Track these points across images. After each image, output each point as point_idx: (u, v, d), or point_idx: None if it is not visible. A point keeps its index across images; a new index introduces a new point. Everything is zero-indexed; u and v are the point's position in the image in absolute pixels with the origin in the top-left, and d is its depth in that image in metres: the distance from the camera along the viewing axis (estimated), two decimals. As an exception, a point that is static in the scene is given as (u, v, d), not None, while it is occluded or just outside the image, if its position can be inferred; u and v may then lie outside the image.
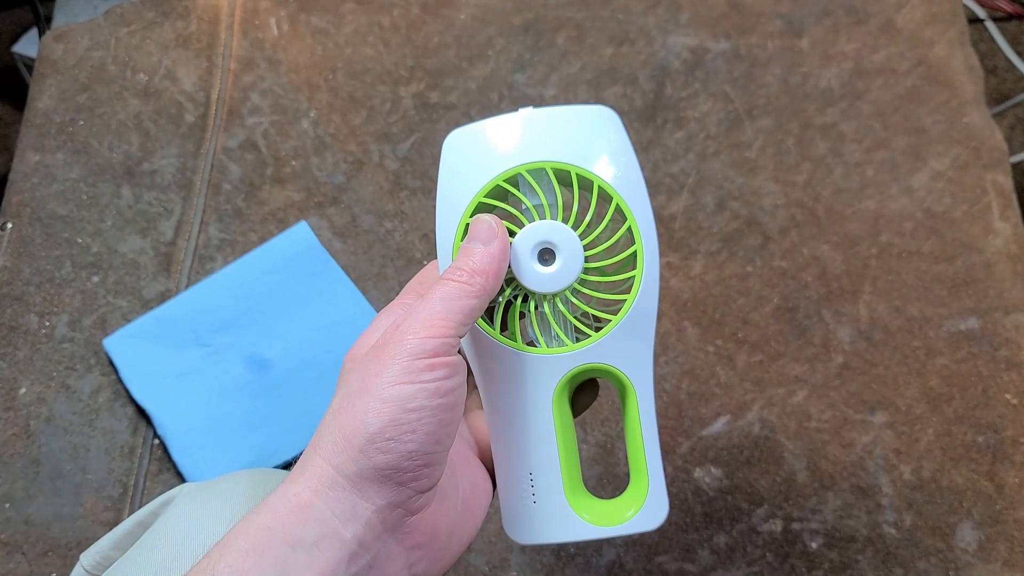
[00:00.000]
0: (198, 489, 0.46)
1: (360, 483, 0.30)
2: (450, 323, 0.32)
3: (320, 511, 0.29)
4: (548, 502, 0.39)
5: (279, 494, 0.30)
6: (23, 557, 0.63)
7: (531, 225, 0.36)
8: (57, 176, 0.75)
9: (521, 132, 0.36)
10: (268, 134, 0.77)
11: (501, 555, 0.62)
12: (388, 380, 0.30)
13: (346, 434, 0.30)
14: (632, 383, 0.38)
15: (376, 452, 0.30)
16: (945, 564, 0.61)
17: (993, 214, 0.72)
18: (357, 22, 0.82)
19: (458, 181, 0.36)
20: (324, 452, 0.30)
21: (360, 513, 0.30)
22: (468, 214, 0.36)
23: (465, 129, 0.36)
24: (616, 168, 0.36)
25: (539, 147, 0.36)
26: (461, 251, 0.34)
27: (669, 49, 0.80)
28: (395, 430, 0.30)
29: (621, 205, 0.36)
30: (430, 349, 0.31)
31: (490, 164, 0.36)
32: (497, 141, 0.36)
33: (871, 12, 0.80)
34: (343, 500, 0.30)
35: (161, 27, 0.81)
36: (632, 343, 0.38)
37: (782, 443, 0.65)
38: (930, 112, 0.76)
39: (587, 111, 0.36)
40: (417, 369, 0.30)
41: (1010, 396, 0.66)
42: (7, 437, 0.66)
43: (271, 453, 0.66)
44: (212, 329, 0.69)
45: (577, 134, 0.36)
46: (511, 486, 0.39)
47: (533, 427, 0.38)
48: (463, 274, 0.33)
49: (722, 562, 0.62)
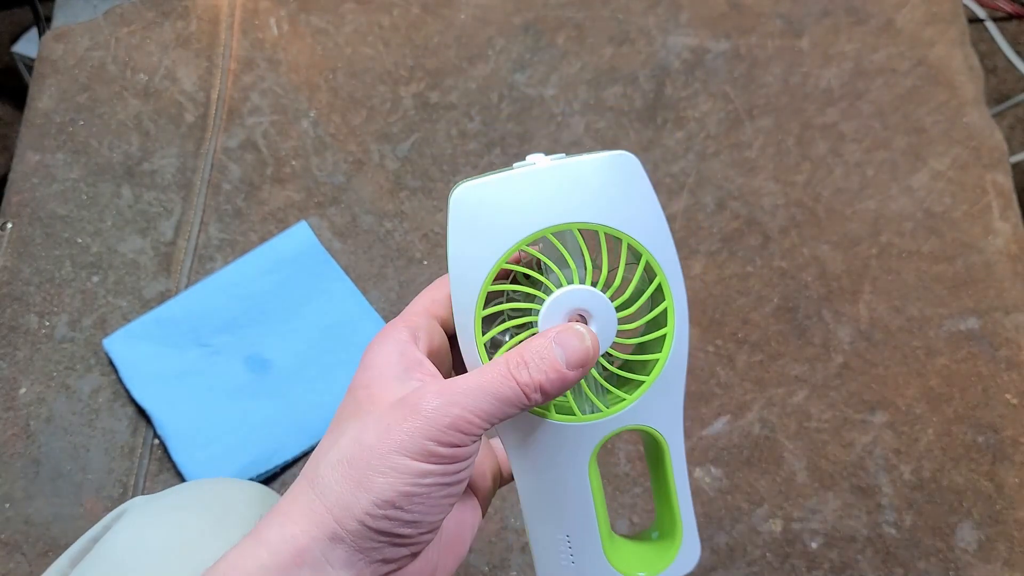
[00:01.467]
0: (147, 502, 0.47)
1: (359, 541, 0.30)
2: (488, 421, 0.31)
3: (317, 559, 0.29)
4: (587, 563, 0.39)
5: (276, 530, 0.30)
6: (23, 557, 0.63)
7: (562, 292, 0.34)
8: (57, 176, 0.75)
9: (540, 189, 0.34)
10: (268, 134, 0.77)
11: (501, 555, 0.62)
12: (408, 452, 0.30)
13: (352, 487, 0.30)
14: (665, 438, 0.37)
15: (382, 518, 0.30)
16: (945, 564, 0.61)
17: (993, 214, 0.72)
18: (357, 22, 0.82)
19: (474, 244, 0.34)
20: (327, 499, 0.30)
21: (355, 565, 0.30)
22: (489, 280, 0.34)
23: (475, 185, 0.33)
24: (643, 221, 0.34)
25: (562, 206, 0.33)
26: (541, 350, 0.32)
27: (669, 49, 0.80)
28: (405, 501, 0.30)
29: (651, 262, 0.35)
30: (457, 440, 0.30)
31: (511, 225, 0.33)
32: (516, 198, 0.34)
33: (871, 12, 0.80)
34: (340, 553, 0.30)
35: (161, 27, 0.81)
36: (665, 400, 0.37)
37: (782, 443, 0.65)
38: (930, 112, 0.76)
39: (607, 161, 0.34)
40: (439, 453, 0.30)
41: (1010, 396, 0.66)
42: (7, 437, 0.66)
43: (271, 453, 0.66)
44: (212, 329, 0.69)
45: (601, 189, 0.34)
46: (548, 549, 0.39)
47: (570, 494, 0.38)
48: (529, 386, 0.31)
49: (722, 562, 0.62)
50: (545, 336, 0.32)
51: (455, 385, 0.31)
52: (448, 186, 0.75)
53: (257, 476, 0.65)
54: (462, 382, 0.31)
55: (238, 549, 0.30)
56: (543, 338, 0.32)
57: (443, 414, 0.30)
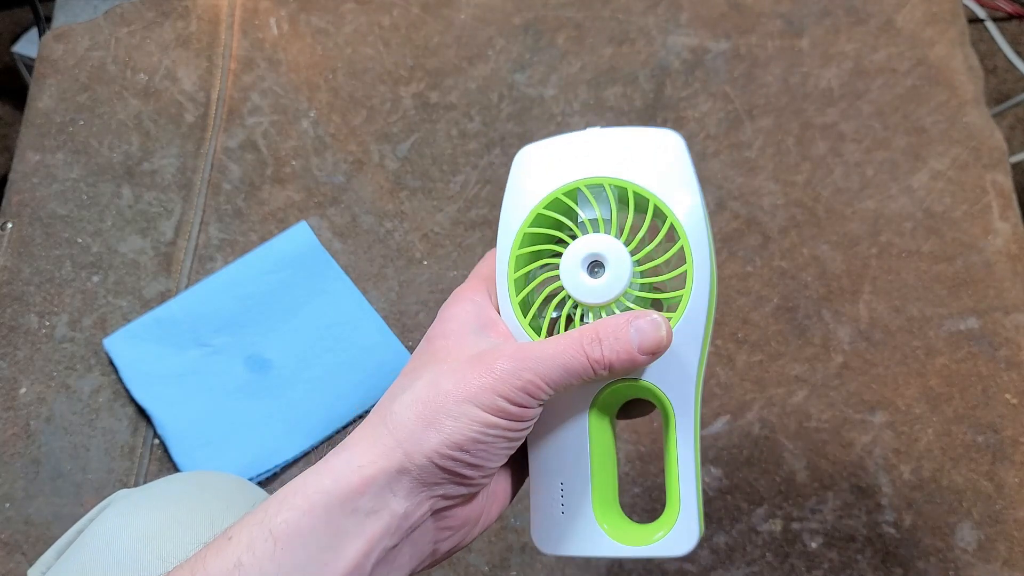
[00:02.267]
0: (132, 493, 0.48)
1: (425, 475, 0.32)
2: (554, 388, 0.33)
3: (382, 487, 0.31)
4: (576, 515, 0.39)
5: (344, 460, 0.31)
6: (23, 557, 0.63)
7: (583, 238, 0.36)
8: (57, 176, 0.75)
9: (585, 149, 0.37)
10: (268, 134, 0.77)
11: (501, 555, 0.62)
12: (480, 404, 0.32)
13: (424, 426, 0.31)
14: (672, 406, 0.38)
15: (449, 459, 0.32)
16: (945, 564, 0.61)
17: (993, 214, 0.72)
18: (357, 22, 0.82)
19: (522, 193, 0.37)
20: (398, 433, 0.32)
21: (415, 496, 0.32)
22: (528, 223, 0.37)
23: (536, 145, 0.38)
24: (673, 189, 0.36)
25: (600, 164, 0.37)
26: (617, 330, 0.33)
27: (669, 49, 0.80)
28: (473, 446, 0.32)
29: (675, 224, 0.36)
30: (525, 402, 0.32)
31: (553, 178, 0.37)
32: (562, 157, 0.37)
33: (871, 12, 0.80)
34: (405, 483, 0.31)
35: (161, 27, 0.81)
36: (675, 364, 0.37)
37: (782, 443, 0.65)
38: (930, 112, 0.76)
39: (652, 133, 0.37)
40: (507, 410, 0.32)
41: (1010, 396, 0.66)
42: (7, 437, 0.66)
43: (271, 453, 0.66)
44: (212, 329, 0.69)
45: (639, 153, 0.37)
46: (542, 493, 0.40)
47: (567, 438, 0.39)
48: (600, 363, 0.33)
49: (722, 562, 0.62)
50: (622, 317, 0.34)
51: (530, 351, 0.33)
52: (448, 186, 0.75)
53: (257, 476, 0.65)
54: (537, 349, 0.33)
55: (301, 478, 0.31)
56: (620, 318, 0.34)
57: (515, 376, 0.32)
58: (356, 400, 0.68)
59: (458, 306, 0.37)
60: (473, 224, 0.74)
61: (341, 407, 0.67)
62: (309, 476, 0.31)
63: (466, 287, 0.38)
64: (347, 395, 0.68)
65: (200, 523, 0.45)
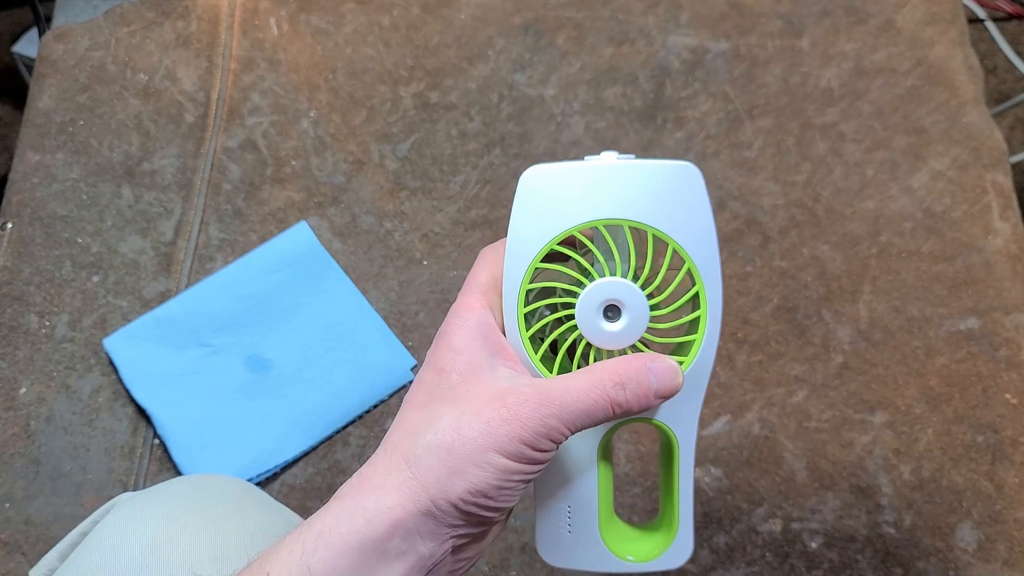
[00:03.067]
0: (135, 497, 0.48)
1: (448, 518, 0.33)
2: (574, 431, 0.34)
3: (409, 530, 0.32)
4: (583, 535, 0.42)
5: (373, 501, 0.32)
6: (23, 557, 0.63)
7: (600, 281, 0.36)
8: (57, 176, 0.75)
9: (603, 184, 0.36)
10: (268, 134, 0.77)
11: (501, 555, 0.62)
12: (505, 452, 0.33)
13: (450, 473, 0.32)
14: (678, 439, 0.39)
15: (473, 505, 0.33)
16: (945, 564, 0.61)
17: (993, 214, 0.72)
18: (357, 22, 0.82)
19: (533, 221, 0.36)
20: (424, 479, 0.33)
21: (439, 536, 0.33)
22: (540, 257, 0.37)
23: (546, 169, 0.36)
24: (693, 231, 0.36)
25: (619, 203, 0.36)
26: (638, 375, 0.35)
27: (669, 49, 0.80)
28: (495, 492, 0.33)
29: (692, 270, 0.36)
30: (547, 447, 0.34)
31: (568, 211, 0.36)
32: (578, 188, 0.36)
33: (871, 12, 0.80)
34: (430, 526, 0.33)
35: (161, 27, 0.81)
36: (684, 404, 0.38)
37: (782, 443, 0.65)
38: (930, 112, 0.76)
39: (671, 169, 0.36)
40: (530, 456, 0.33)
41: (1010, 396, 0.66)
42: (7, 437, 0.66)
43: (271, 453, 0.66)
44: (212, 329, 0.69)
45: (659, 193, 0.36)
46: (549, 515, 0.42)
47: (579, 473, 0.40)
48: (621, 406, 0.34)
49: (722, 562, 0.62)
50: (640, 360, 0.35)
51: (553, 395, 0.33)
52: (448, 186, 0.75)
53: (257, 476, 0.65)
54: (560, 394, 0.34)
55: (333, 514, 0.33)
56: (639, 362, 0.35)
57: (540, 423, 0.33)
58: (356, 400, 0.68)
59: (464, 333, 0.36)
60: (473, 224, 0.74)
61: (341, 407, 0.67)
62: (342, 515, 0.32)
63: (466, 303, 0.37)
64: (347, 395, 0.68)
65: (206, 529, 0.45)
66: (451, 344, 0.36)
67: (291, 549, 0.32)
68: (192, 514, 0.45)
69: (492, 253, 0.39)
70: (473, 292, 0.37)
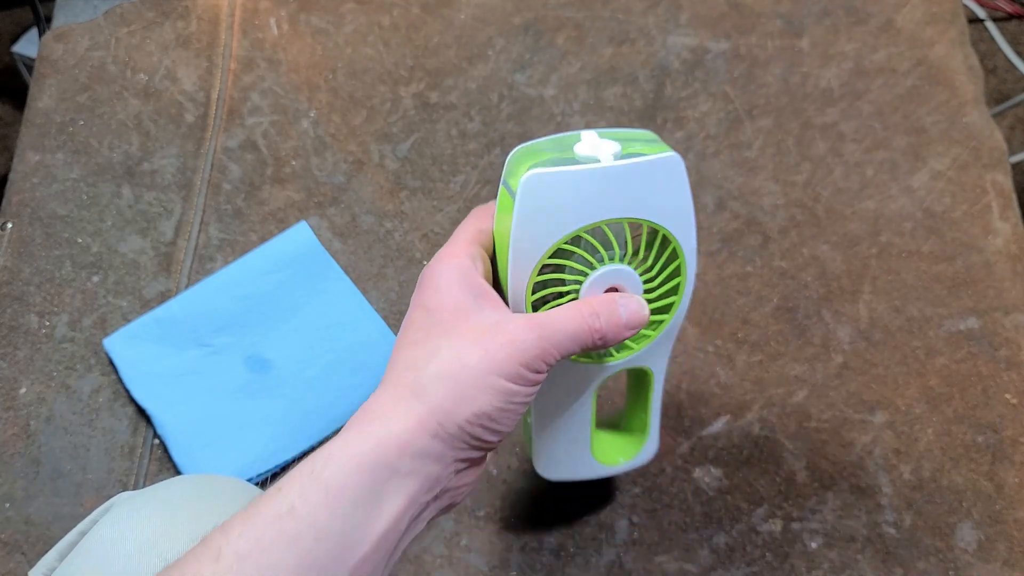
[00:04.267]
0: (135, 495, 0.48)
1: (455, 441, 0.35)
2: (563, 355, 0.38)
3: (418, 452, 0.34)
4: (575, 452, 0.52)
5: (383, 427, 0.34)
6: (23, 557, 0.63)
7: (605, 269, 0.41)
8: (57, 176, 0.75)
9: (602, 188, 0.39)
10: (268, 134, 0.77)
11: (501, 555, 0.62)
12: (505, 375, 0.35)
13: (456, 399, 0.35)
14: (654, 372, 0.50)
15: (478, 427, 0.35)
16: (945, 564, 0.61)
17: (993, 214, 0.72)
18: (357, 22, 0.82)
19: (538, 225, 0.40)
20: (430, 404, 0.35)
21: (445, 458, 0.35)
22: (547, 255, 0.40)
23: (546, 174, 0.39)
24: (678, 214, 0.41)
25: (619, 203, 0.40)
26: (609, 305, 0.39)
27: (669, 49, 0.80)
28: (499, 414, 0.36)
29: (677, 248, 0.42)
30: (542, 368, 0.37)
31: (574, 214, 0.40)
32: (580, 193, 0.39)
33: (871, 12, 0.80)
34: (437, 448, 0.35)
35: (161, 27, 0.81)
36: (661, 347, 0.48)
37: (782, 443, 0.65)
38: (930, 112, 0.76)
39: (660, 164, 0.40)
40: (528, 377, 0.36)
41: (1010, 396, 0.66)
42: (7, 437, 0.66)
43: (271, 453, 0.66)
44: (212, 329, 0.69)
45: (651, 189, 0.40)
46: (547, 439, 0.51)
47: (576, 412, 0.49)
48: (598, 332, 0.38)
49: (722, 562, 0.62)
50: (612, 297, 0.40)
51: (544, 322, 0.37)
52: (448, 186, 0.75)
53: (257, 476, 0.65)
54: (549, 321, 0.37)
55: (341, 440, 0.34)
56: (611, 298, 0.40)
57: (534, 346, 0.36)
58: (356, 400, 0.68)
59: (447, 275, 0.38)
60: (473, 224, 0.74)
61: (341, 407, 0.67)
62: (351, 440, 0.34)
63: (450, 250, 0.40)
64: (347, 395, 0.68)
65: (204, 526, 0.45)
66: (437, 285, 0.38)
67: (301, 470, 0.34)
68: (189, 512, 0.46)
69: (482, 211, 0.42)
70: (458, 242, 0.40)
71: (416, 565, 0.62)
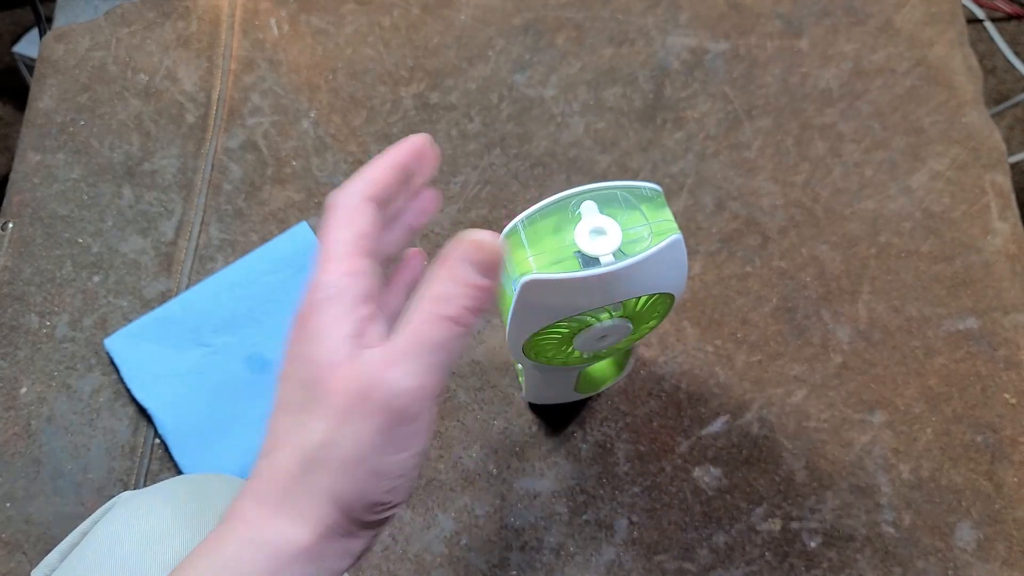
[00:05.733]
0: (136, 495, 0.48)
1: (357, 528, 0.32)
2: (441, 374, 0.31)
3: (322, 556, 0.31)
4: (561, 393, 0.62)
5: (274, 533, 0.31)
6: (24, 557, 0.63)
7: (600, 325, 0.44)
8: (58, 176, 0.75)
9: (600, 284, 0.39)
10: (268, 134, 0.77)
11: (501, 555, 0.62)
12: (377, 447, 0.30)
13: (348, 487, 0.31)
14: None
15: (374, 514, 0.32)
16: (944, 563, 0.61)
17: (992, 214, 0.72)
18: (357, 23, 0.82)
19: (536, 316, 0.42)
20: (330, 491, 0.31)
21: (352, 551, 0.32)
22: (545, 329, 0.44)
23: (545, 281, 0.39)
24: (673, 278, 0.43)
25: (617, 292, 0.41)
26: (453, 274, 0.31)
27: (669, 49, 0.80)
28: (390, 496, 0.31)
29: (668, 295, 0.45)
30: (415, 413, 0.30)
31: (569, 308, 0.41)
32: (576, 291, 0.40)
33: (870, 12, 0.80)
34: (345, 545, 0.32)
35: (162, 27, 0.81)
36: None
37: (781, 443, 0.66)
38: (929, 112, 0.76)
39: (664, 252, 0.39)
40: (403, 437, 0.30)
41: (1009, 396, 0.66)
42: (8, 437, 0.66)
43: (271, 453, 0.66)
44: (213, 329, 0.69)
45: (650, 272, 0.40)
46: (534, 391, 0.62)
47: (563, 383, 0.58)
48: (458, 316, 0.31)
49: (721, 561, 0.62)
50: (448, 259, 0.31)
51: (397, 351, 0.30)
52: (448, 186, 0.75)
53: (257, 476, 0.65)
54: (402, 345, 0.30)
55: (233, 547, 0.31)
56: (447, 261, 0.31)
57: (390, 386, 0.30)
58: (356, 400, 0.68)
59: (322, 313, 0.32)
60: (473, 224, 0.74)
61: (341, 407, 0.67)
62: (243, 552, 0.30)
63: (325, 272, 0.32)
64: (347, 395, 0.68)
65: (203, 526, 0.45)
66: (311, 334, 0.32)
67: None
68: (188, 512, 0.46)
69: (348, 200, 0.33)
70: (331, 258, 0.32)
71: (416, 565, 0.62)
